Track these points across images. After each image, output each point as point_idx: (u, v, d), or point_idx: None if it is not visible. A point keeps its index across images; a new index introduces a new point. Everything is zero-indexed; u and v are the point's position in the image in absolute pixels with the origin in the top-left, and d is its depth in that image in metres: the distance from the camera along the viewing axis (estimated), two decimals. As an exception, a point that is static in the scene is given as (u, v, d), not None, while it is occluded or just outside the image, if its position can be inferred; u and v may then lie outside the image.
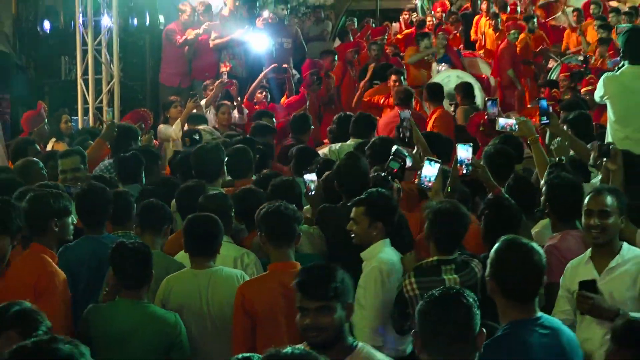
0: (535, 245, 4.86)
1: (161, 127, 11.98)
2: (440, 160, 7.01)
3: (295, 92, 14.44)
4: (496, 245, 4.84)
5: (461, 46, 19.27)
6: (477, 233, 6.56)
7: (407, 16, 21.43)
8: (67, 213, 6.21)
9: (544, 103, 9.12)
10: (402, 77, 13.35)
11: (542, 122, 8.82)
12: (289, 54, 16.12)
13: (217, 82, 13.29)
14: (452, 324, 3.95)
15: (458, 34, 20.21)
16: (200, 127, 11.12)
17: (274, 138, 10.84)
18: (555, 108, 10.63)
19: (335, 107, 14.21)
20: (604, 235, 5.79)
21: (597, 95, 9.11)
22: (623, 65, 9.02)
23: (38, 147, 9.56)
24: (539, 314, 4.76)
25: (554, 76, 16.14)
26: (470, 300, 4.03)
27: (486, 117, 9.73)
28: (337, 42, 19.65)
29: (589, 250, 5.93)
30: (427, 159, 6.98)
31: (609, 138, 8.68)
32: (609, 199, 5.82)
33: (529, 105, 16.27)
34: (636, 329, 4.35)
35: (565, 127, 8.95)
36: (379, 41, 16.96)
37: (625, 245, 5.87)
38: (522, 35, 18.46)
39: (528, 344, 4.47)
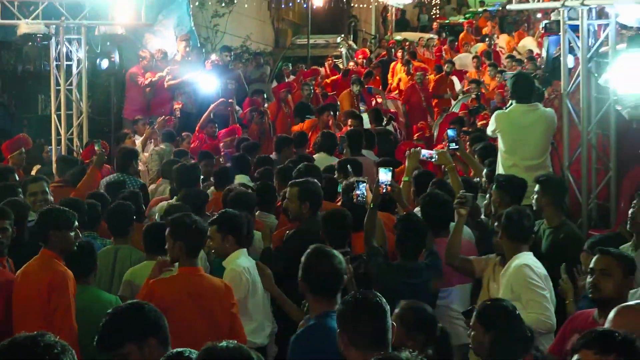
0: (336, 252, 5.06)
1: None
2: (392, 168, 7.17)
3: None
4: (306, 252, 5.07)
5: (380, 87, 19.70)
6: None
7: (331, 62, 21.72)
8: (67, 226, 6.25)
9: (452, 131, 9.44)
10: (335, 113, 13.88)
11: (451, 147, 9.14)
12: (232, 93, 16.22)
13: (159, 118, 13.40)
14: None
15: (378, 77, 20.65)
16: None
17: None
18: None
19: (269, 138, 14.37)
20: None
21: (490, 129, 9.18)
22: (511, 104, 9.10)
23: (16, 175, 9.55)
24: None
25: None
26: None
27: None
28: (275, 83, 19.89)
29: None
30: (381, 168, 7.04)
31: (499, 166, 8.77)
32: None
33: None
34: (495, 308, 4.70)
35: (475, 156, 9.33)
36: (310, 82, 17.27)
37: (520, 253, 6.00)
38: (432, 76, 19.01)
39: (333, 328, 4.38)
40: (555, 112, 9.29)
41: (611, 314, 4.08)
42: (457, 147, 9.17)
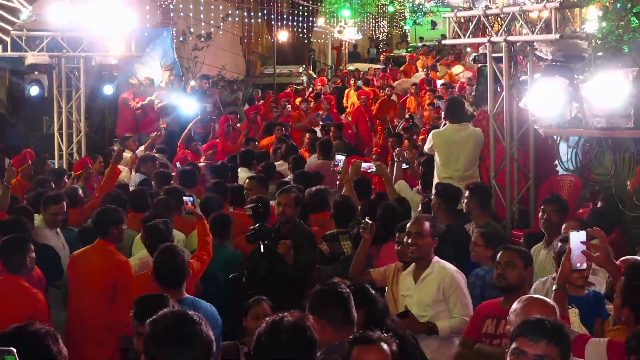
0: (178, 249, 5.36)
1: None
2: (345, 154, 8.00)
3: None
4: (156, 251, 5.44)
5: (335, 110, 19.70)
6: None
7: (292, 88, 21.66)
8: (122, 221, 6.78)
9: (404, 153, 9.51)
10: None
11: (404, 167, 9.28)
12: (210, 115, 16.18)
13: (152, 134, 13.30)
14: None
15: (334, 102, 20.66)
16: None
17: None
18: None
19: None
20: (418, 251, 5.80)
21: (427, 146, 9.16)
22: (446, 123, 9.14)
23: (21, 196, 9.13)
24: (187, 296, 5.20)
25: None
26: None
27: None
28: (247, 106, 19.88)
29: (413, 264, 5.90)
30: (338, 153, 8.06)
31: (436, 177, 8.77)
32: (426, 224, 5.82)
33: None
34: None
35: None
36: (283, 103, 17.59)
37: (435, 259, 5.84)
38: (379, 100, 18.99)
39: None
40: (483, 131, 9.33)
41: (517, 305, 4.06)
42: (407, 166, 9.34)
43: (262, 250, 6.42)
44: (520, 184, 9.56)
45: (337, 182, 8.68)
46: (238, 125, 16.16)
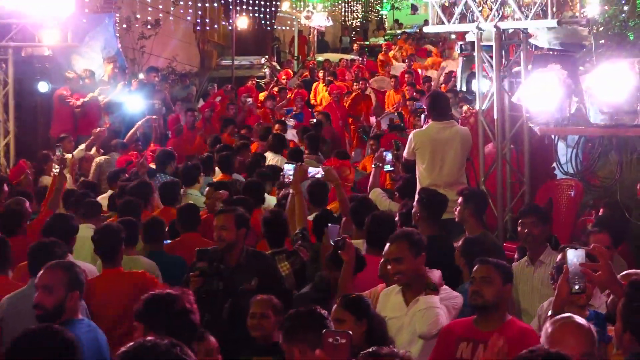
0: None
1: None
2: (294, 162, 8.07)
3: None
4: None
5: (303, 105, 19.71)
6: None
7: (254, 82, 21.67)
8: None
9: (389, 154, 9.52)
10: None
11: (387, 169, 9.29)
12: (159, 112, 16.11)
13: (96, 130, 13.31)
14: None
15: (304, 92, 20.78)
16: None
17: None
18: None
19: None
20: (404, 278, 5.76)
21: (407, 150, 9.10)
22: (428, 122, 9.18)
23: None
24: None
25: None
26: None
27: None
28: (202, 102, 19.82)
29: None
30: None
31: (419, 184, 8.77)
32: (404, 246, 5.76)
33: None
34: None
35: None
36: (244, 98, 17.86)
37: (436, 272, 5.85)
38: (352, 95, 19.04)
39: (78, 337, 4.31)
40: (471, 129, 9.36)
41: (549, 327, 4.05)
42: (392, 169, 9.35)
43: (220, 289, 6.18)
44: (514, 190, 9.61)
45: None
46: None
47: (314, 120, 15.97)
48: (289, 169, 8.20)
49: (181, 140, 14.89)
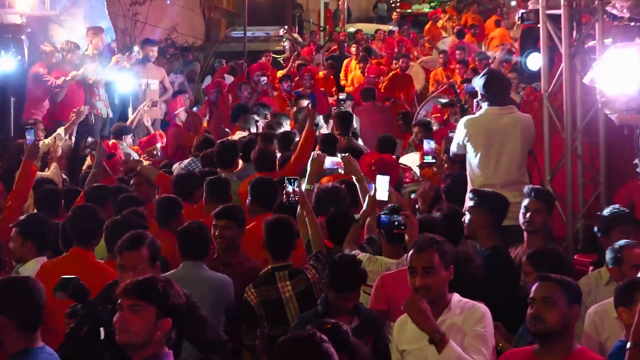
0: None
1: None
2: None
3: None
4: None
5: (334, 89, 19.72)
6: None
7: (269, 57, 21.72)
8: None
9: (429, 143, 9.52)
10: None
11: (426, 161, 9.26)
12: (155, 96, 16.19)
13: (77, 109, 13.44)
14: None
15: (332, 77, 20.71)
16: None
17: None
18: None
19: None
20: (431, 294, 5.75)
21: (455, 142, 9.11)
22: (481, 107, 9.15)
23: None
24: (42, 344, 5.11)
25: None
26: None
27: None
28: (210, 80, 19.81)
29: None
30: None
31: (469, 184, 8.80)
32: (435, 254, 5.79)
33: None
34: None
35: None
36: (255, 77, 17.93)
37: (455, 297, 5.83)
38: (389, 75, 19.06)
39: None
40: (534, 117, 9.34)
41: None
42: (433, 161, 9.32)
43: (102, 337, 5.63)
44: (587, 191, 9.59)
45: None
46: (195, 108, 16.25)
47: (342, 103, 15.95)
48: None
49: (183, 129, 14.99)
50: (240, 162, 11.08)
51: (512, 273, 6.89)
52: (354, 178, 8.54)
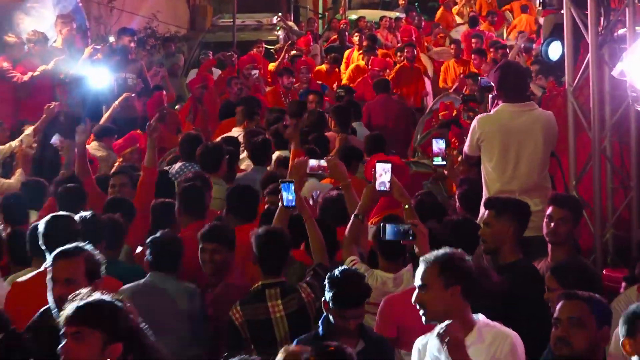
0: None
1: None
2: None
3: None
4: None
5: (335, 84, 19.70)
6: None
7: (261, 48, 21.74)
8: None
9: (439, 143, 9.49)
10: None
11: (436, 163, 9.27)
12: (132, 90, 16.15)
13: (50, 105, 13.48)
14: None
15: (337, 70, 20.72)
16: None
17: None
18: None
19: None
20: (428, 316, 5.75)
21: (469, 142, 9.10)
22: (497, 104, 9.11)
23: None
24: None
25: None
26: None
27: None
28: (194, 74, 19.78)
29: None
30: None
31: (485, 190, 8.83)
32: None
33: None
34: None
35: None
36: (246, 71, 18.03)
37: (481, 318, 5.82)
38: (395, 68, 19.02)
39: None
40: (557, 114, 9.34)
41: None
42: (443, 163, 9.31)
43: None
44: (617, 197, 9.60)
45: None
46: (177, 107, 16.24)
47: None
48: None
49: (164, 130, 14.97)
50: (248, 162, 11.49)
51: (543, 290, 6.88)
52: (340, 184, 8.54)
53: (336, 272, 6.52)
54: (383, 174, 7.68)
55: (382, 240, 6.98)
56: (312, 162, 8.57)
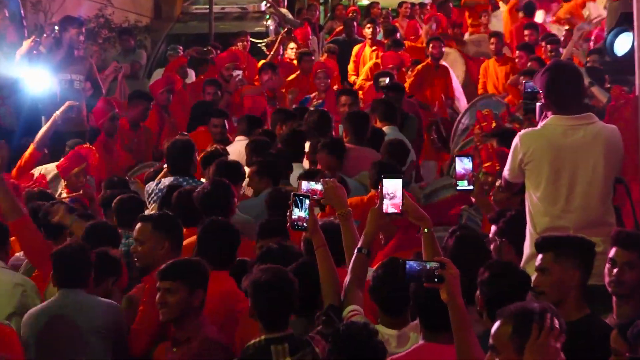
0: None
1: None
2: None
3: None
4: None
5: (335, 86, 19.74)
6: None
7: (246, 43, 21.82)
8: None
9: (463, 161, 9.33)
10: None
11: (460, 187, 9.14)
12: (80, 96, 16.16)
13: None
14: None
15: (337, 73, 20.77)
16: None
17: None
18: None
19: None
20: None
21: (511, 164, 9.07)
22: (546, 116, 9.09)
23: None
24: None
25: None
26: None
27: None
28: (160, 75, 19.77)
29: None
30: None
31: (530, 225, 8.80)
32: None
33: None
34: None
35: None
36: (225, 72, 18.22)
37: None
38: (416, 68, 19.06)
39: None
40: (624, 129, 9.35)
41: None
42: (470, 188, 9.22)
43: None
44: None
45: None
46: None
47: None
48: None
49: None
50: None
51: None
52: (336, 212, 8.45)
53: (342, 326, 6.66)
54: (392, 192, 7.58)
55: (381, 290, 7.21)
56: (304, 185, 8.48)
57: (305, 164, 12.95)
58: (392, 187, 7.53)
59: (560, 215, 8.74)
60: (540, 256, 7.42)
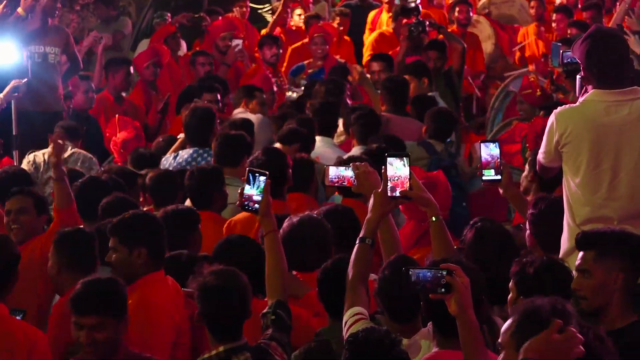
0: None
1: None
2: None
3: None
4: None
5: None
6: None
7: (245, 9, 21.78)
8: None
9: (488, 148, 9.30)
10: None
11: (486, 177, 9.12)
12: (55, 71, 16.19)
13: None
14: None
15: (348, 38, 20.77)
16: None
17: None
18: None
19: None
20: None
21: (546, 146, 9.08)
22: (586, 91, 9.04)
23: None
24: None
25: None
26: None
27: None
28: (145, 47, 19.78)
29: None
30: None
31: (568, 216, 8.80)
32: None
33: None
34: None
35: None
36: (221, 42, 18.26)
37: None
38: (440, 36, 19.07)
39: None
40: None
41: None
42: (497, 177, 9.20)
43: None
44: None
45: None
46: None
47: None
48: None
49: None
50: None
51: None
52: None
53: (360, 332, 6.55)
54: (397, 172, 7.55)
55: (390, 296, 7.20)
56: (332, 172, 8.57)
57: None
58: (398, 166, 7.51)
59: (603, 205, 8.75)
60: (580, 254, 7.36)
